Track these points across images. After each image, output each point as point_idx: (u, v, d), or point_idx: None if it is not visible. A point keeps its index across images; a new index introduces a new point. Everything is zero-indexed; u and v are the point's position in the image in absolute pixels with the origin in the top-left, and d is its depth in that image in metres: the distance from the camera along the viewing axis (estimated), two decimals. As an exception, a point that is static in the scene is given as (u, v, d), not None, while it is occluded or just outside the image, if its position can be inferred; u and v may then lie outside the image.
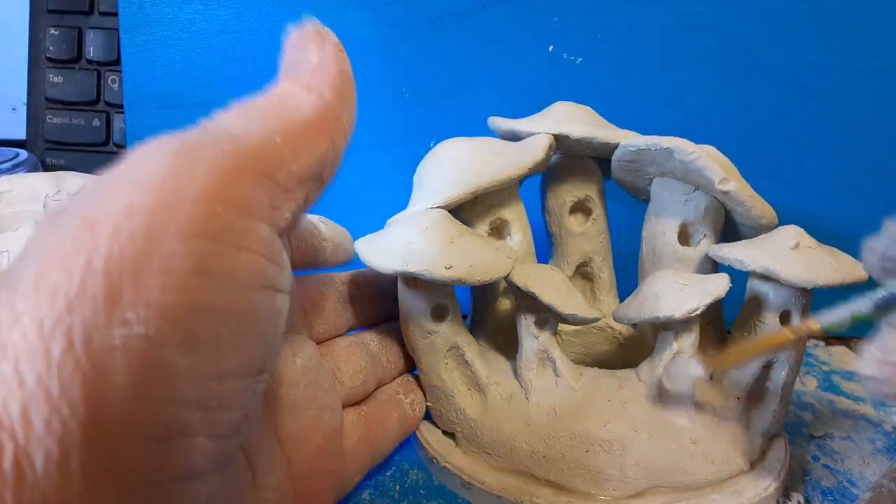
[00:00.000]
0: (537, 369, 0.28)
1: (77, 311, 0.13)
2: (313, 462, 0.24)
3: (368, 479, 0.28)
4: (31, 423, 0.13)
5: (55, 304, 0.13)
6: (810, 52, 0.39)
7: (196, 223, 0.15)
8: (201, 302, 0.15)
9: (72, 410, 0.13)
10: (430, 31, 0.40)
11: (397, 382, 0.30)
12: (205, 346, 0.15)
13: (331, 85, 0.19)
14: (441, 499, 0.28)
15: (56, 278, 0.13)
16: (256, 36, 0.41)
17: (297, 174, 0.17)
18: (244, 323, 0.16)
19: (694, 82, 0.40)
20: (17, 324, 0.13)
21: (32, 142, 0.50)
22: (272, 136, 0.17)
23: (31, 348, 0.13)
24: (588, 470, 0.26)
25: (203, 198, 0.15)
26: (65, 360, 0.13)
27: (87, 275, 0.13)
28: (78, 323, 0.13)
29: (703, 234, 0.30)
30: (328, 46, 0.20)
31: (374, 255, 0.26)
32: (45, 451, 0.13)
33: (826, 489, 0.28)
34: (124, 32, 0.42)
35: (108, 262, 0.14)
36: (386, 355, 0.30)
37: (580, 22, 0.39)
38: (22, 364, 0.13)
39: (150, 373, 0.14)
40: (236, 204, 0.16)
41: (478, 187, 0.27)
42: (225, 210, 0.15)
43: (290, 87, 0.19)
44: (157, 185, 0.15)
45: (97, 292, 0.13)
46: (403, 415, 0.29)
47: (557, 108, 0.31)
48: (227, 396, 0.16)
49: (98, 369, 0.13)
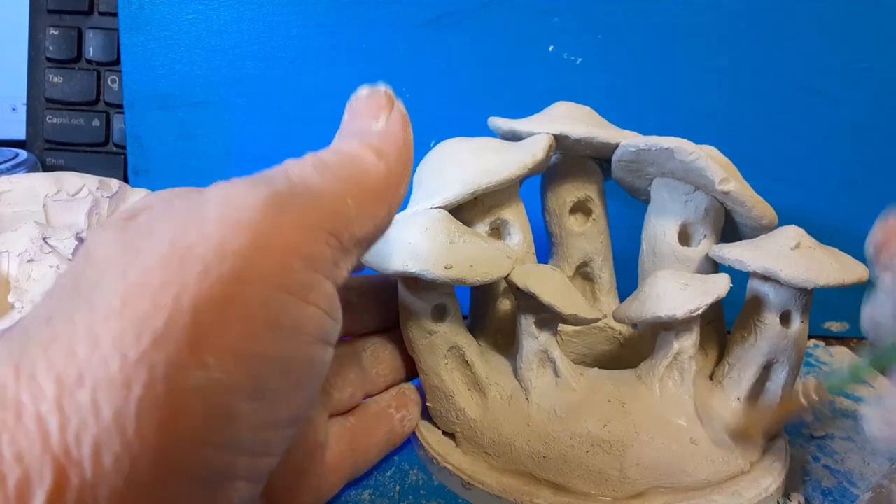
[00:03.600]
0: (537, 369, 0.28)
1: (163, 349, 0.13)
2: (293, 477, 0.24)
3: (368, 480, 0.28)
4: (101, 460, 0.12)
5: (141, 338, 0.13)
6: (810, 52, 0.39)
7: (278, 274, 0.15)
8: (272, 352, 0.15)
9: (143, 449, 0.13)
10: (430, 31, 0.40)
11: (391, 395, 0.29)
12: (267, 395, 0.15)
13: (397, 154, 0.19)
14: (441, 499, 0.28)
15: (143, 310, 0.13)
16: (256, 36, 0.41)
17: (358, 237, 0.18)
18: (301, 375, 0.16)
19: (694, 82, 0.40)
20: (98, 352, 0.13)
21: (32, 142, 0.50)
22: (346, 198, 0.17)
23: (112, 380, 0.12)
24: (588, 470, 0.26)
25: (286, 251, 0.15)
26: (145, 396, 0.13)
27: (174, 311, 0.13)
28: (163, 360, 0.13)
29: (704, 235, 0.30)
30: (397, 115, 0.20)
31: (373, 255, 0.26)
32: (110, 489, 0.12)
33: (826, 489, 0.28)
34: (124, 32, 0.42)
35: (197, 302, 0.14)
36: (377, 367, 0.29)
37: (580, 22, 0.39)
38: (100, 394, 0.12)
39: (218, 418, 0.14)
40: (310, 259, 0.16)
41: (478, 187, 0.27)
42: (301, 265, 0.16)
43: (361, 148, 0.19)
44: (249, 229, 0.15)
45: (183, 332, 0.13)
46: (391, 430, 0.29)
47: (557, 108, 0.31)
48: (273, 444, 0.16)
49: (174, 410, 0.13)
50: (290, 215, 0.16)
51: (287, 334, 0.15)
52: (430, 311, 0.27)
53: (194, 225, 0.15)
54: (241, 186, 0.16)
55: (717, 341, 0.30)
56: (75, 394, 0.12)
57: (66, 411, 0.12)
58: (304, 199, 0.16)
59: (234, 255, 0.14)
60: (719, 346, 0.30)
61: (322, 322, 0.17)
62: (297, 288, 0.16)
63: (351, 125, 0.20)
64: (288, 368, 0.16)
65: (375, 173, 0.19)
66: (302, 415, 0.17)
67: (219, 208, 0.15)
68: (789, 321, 0.27)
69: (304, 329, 0.16)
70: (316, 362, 0.17)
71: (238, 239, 0.15)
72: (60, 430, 0.12)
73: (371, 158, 0.19)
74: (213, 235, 0.14)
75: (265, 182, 0.16)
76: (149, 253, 0.14)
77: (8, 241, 0.30)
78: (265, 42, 0.41)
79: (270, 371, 0.15)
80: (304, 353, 0.16)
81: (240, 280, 0.14)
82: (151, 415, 0.13)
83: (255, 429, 0.15)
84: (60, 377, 0.12)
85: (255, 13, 0.41)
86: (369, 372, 0.29)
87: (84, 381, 0.12)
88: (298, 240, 0.16)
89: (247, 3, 0.41)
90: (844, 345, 0.42)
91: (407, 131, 0.20)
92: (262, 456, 0.16)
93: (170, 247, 0.14)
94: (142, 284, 0.13)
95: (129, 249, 0.14)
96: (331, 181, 0.17)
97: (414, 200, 0.29)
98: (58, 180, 0.34)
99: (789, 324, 0.27)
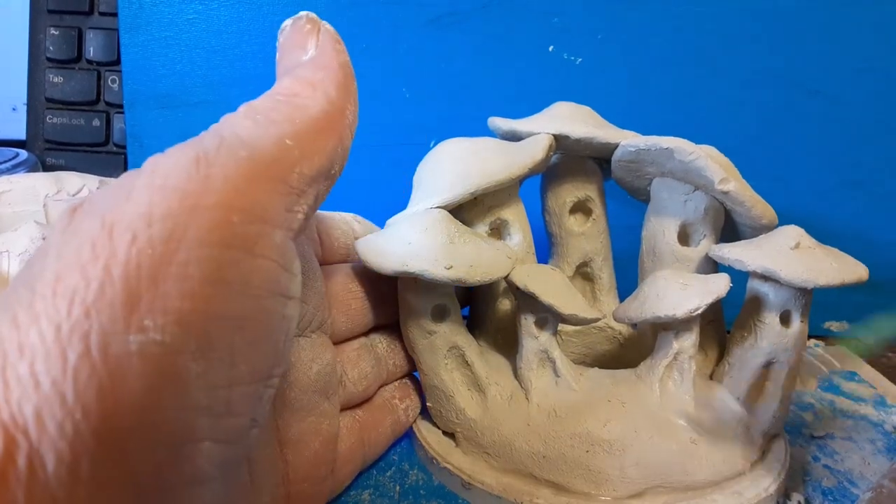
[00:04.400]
0: (537, 369, 0.28)
1: (95, 317, 0.13)
2: (309, 466, 0.24)
3: (368, 480, 0.28)
4: (44, 426, 0.13)
5: (73, 308, 0.13)
6: (810, 52, 0.39)
7: (213, 231, 0.15)
8: (217, 309, 0.15)
9: (85, 416, 0.13)
10: (430, 31, 0.40)
11: (394, 386, 0.30)
12: (218, 353, 0.15)
13: (334, 80, 0.19)
14: (441, 499, 0.28)
15: (74, 282, 0.13)
16: (256, 36, 0.41)
17: (308, 175, 0.17)
18: (257, 330, 0.16)
19: (694, 82, 0.40)
20: (36, 325, 0.13)
21: (32, 142, 0.50)
22: (283, 140, 0.17)
23: (48, 351, 0.13)
24: (588, 470, 0.26)
25: (220, 206, 0.15)
26: (81, 365, 0.13)
27: (105, 280, 0.14)
28: (95, 328, 0.13)
29: (703, 235, 0.30)
30: (325, 37, 0.19)
31: (373, 255, 0.26)
32: (56, 454, 0.13)
33: (826, 489, 0.28)
34: (124, 32, 0.42)
35: (127, 268, 0.14)
36: (393, 358, 0.29)
37: (580, 22, 0.39)
38: (38, 366, 0.13)
39: (165, 380, 0.14)
40: (251, 211, 0.16)
41: (477, 187, 0.27)
42: (240, 218, 0.15)
43: (294, 85, 0.18)
44: (175, 192, 0.15)
45: (115, 298, 0.13)
46: (396, 420, 0.29)
47: (557, 108, 0.31)
48: (235, 402, 0.16)
49: (113, 376, 0.13)
50: (220, 170, 0.15)
51: (233, 290, 0.15)
52: (430, 311, 0.27)
53: (122, 197, 0.15)
54: (170, 152, 0.16)
55: (717, 341, 0.30)
56: (17, 365, 0.13)
57: (10, 382, 0.13)
58: (236, 151, 0.16)
59: (163, 219, 0.14)
60: (719, 346, 0.30)
61: (274, 274, 0.16)
62: (238, 241, 0.15)
63: (282, 63, 0.19)
64: (240, 324, 0.15)
65: (314, 106, 0.18)
66: (265, 371, 0.17)
67: (146, 177, 0.15)
68: (789, 321, 0.27)
69: (253, 283, 0.16)
70: (273, 316, 0.16)
71: (164, 203, 0.14)
72: (6, 399, 0.13)
73: (306, 92, 0.18)
74: (140, 203, 0.14)
75: (193, 144, 0.16)
76: (82, 231, 0.14)
77: (8, 241, 0.30)
78: (265, 42, 0.41)
79: (217, 328, 0.15)
80: (257, 307, 0.16)
81: (170, 242, 0.14)
82: (90, 382, 0.13)
83: (211, 388, 0.15)
84: (5, 350, 0.13)
85: (255, 13, 0.41)
86: (386, 363, 0.29)
87: (24, 353, 0.13)
88: (233, 194, 0.15)
89: (247, 3, 0.41)
90: (845, 344, 0.42)
91: (340, 52, 0.19)
92: (223, 416, 0.15)
93: (100, 221, 0.14)
94: (73, 259, 0.14)
95: (67, 231, 0.15)
96: (265, 126, 0.17)
97: (414, 200, 0.29)
98: (58, 180, 0.34)
99: (789, 324, 0.27)
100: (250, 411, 0.16)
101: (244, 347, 0.16)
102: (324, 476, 0.25)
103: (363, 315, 0.28)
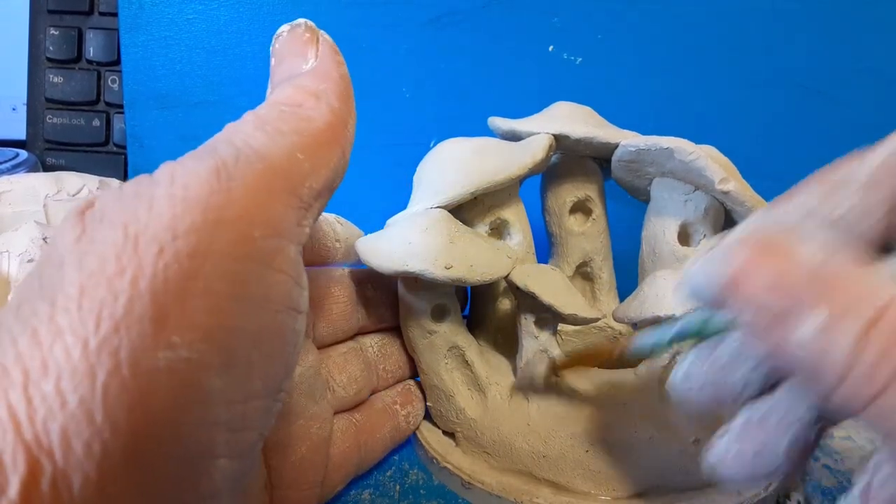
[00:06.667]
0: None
1: (124, 333, 0.13)
2: (295, 471, 0.24)
3: (368, 479, 0.28)
4: (70, 446, 0.12)
5: (101, 323, 0.13)
6: (810, 52, 0.39)
7: (237, 245, 0.15)
8: (240, 324, 0.15)
9: (114, 434, 0.13)
10: (430, 31, 0.40)
11: (396, 391, 0.29)
12: (238, 368, 0.15)
13: (336, 92, 0.19)
14: (441, 499, 0.28)
15: (101, 296, 0.13)
16: (256, 36, 0.41)
17: (316, 189, 0.17)
18: (273, 345, 0.16)
19: (694, 82, 0.40)
20: (60, 340, 0.13)
21: (32, 142, 0.50)
22: (294, 153, 0.17)
23: (75, 368, 0.12)
24: (588, 470, 0.26)
25: (242, 220, 0.15)
26: (111, 382, 0.13)
27: (133, 295, 0.13)
28: (125, 344, 0.13)
29: (703, 234, 0.29)
30: (325, 47, 0.19)
31: (373, 255, 0.26)
32: (83, 475, 0.12)
33: (826, 489, 0.28)
34: (124, 32, 0.42)
35: (154, 283, 0.13)
36: (384, 363, 0.29)
37: (580, 22, 0.39)
38: (64, 383, 0.12)
39: (190, 396, 0.14)
40: (270, 225, 0.16)
41: (478, 187, 0.27)
42: (261, 233, 0.15)
43: (297, 94, 0.18)
44: (198, 204, 0.15)
45: (145, 314, 0.13)
46: (396, 426, 0.29)
47: (557, 108, 0.31)
48: (249, 417, 0.16)
49: (143, 393, 0.13)
50: (241, 183, 0.15)
51: (254, 305, 0.15)
52: (430, 310, 0.27)
53: (144, 207, 0.14)
54: (188, 162, 0.16)
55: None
56: (40, 383, 0.12)
57: (34, 401, 0.12)
58: (254, 164, 0.16)
59: (187, 233, 0.14)
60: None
61: (289, 289, 0.16)
62: (260, 256, 0.15)
63: (280, 70, 0.19)
64: (258, 339, 0.15)
65: (319, 118, 0.18)
66: (278, 385, 0.17)
67: (166, 187, 0.15)
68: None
69: (272, 298, 0.16)
70: (286, 331, 0.17)
71: (189, 216, 0.14)
72: (29, 419, 0.12)
73: (310, 103, 0.18)
74: (163, 215, 0.14)
75: (210, 154, 0.16)
76: (102, 240, 0.14)
77: (8, 241, 0.30)
78: (265, 42, 0.41)
79: (240, 343, 0.15)
80: (274, 322, 0.16)
81: (196, 256, 0.14)
82: (119, 400, 0.13)
83: (230, 403, 0.15)
84: (26, 368, 0.12)
85: (255, 13, 0.41)
86: (376, 367, 0.29)
87: (48, 371, 0.12)
88: (254, 208, 0.15)
89: (247, 3, 0.41)
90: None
91: (339, 63, 0.19)
92: (240, 431, 0.15)
93: (123, 231, 0.14)
94: (98, 272, 0.13)
95: (84, 238, 0.14)
96: (276, 138, 0.17)
97: (414, 200, 0.29)
98: (58, 180, 0.35)
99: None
100: (260, 425, 0.16)
101: (260, 362, 0.16)
102: (312, 482, 0.24)
103: (345, 320, 0.28)
